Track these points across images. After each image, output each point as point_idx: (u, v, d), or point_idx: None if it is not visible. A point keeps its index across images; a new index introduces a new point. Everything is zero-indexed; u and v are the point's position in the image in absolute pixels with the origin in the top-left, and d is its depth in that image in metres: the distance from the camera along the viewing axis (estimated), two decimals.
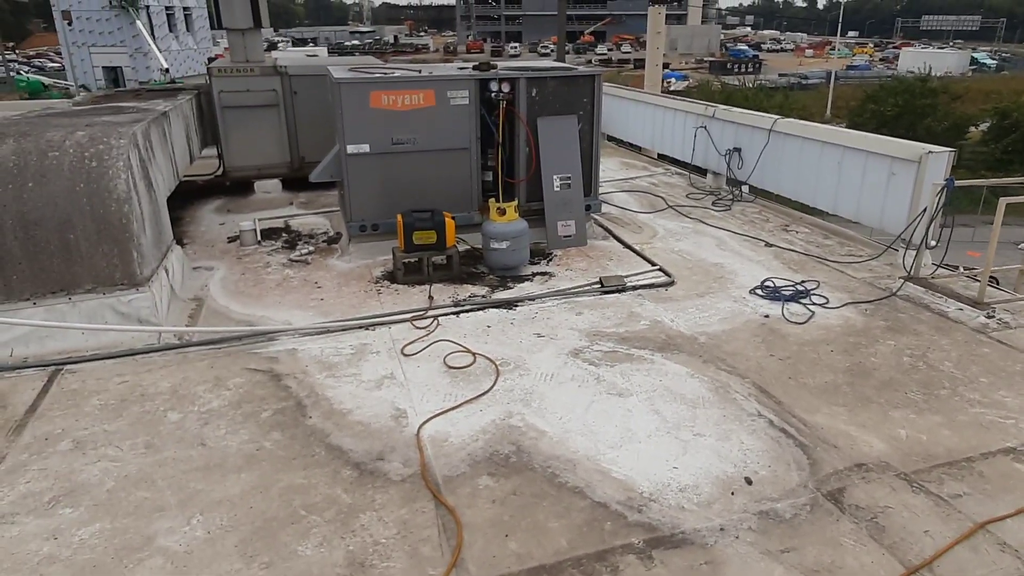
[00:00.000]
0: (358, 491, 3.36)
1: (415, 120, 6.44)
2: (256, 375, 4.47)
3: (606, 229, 7.48)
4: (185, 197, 8.84)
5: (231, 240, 7.28)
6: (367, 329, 5.15)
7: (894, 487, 3.37)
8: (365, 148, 6.39)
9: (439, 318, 5.35)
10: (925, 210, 5.89)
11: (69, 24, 37.95)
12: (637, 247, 6.92)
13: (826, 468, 3.52)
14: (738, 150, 8.68)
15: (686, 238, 7.26)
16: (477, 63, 6.77)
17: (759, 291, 5.76)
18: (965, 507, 3.23)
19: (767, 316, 5.32)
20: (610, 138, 12.61)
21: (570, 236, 7.00)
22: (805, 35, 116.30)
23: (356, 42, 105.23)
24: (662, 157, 11.18)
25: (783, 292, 5.70)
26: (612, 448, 3.69)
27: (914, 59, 65.45)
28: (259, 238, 7.31)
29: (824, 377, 4.42)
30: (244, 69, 8.68)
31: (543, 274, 6.28)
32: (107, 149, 4.88)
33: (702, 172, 9.73)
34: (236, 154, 8.90)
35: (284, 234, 7.56)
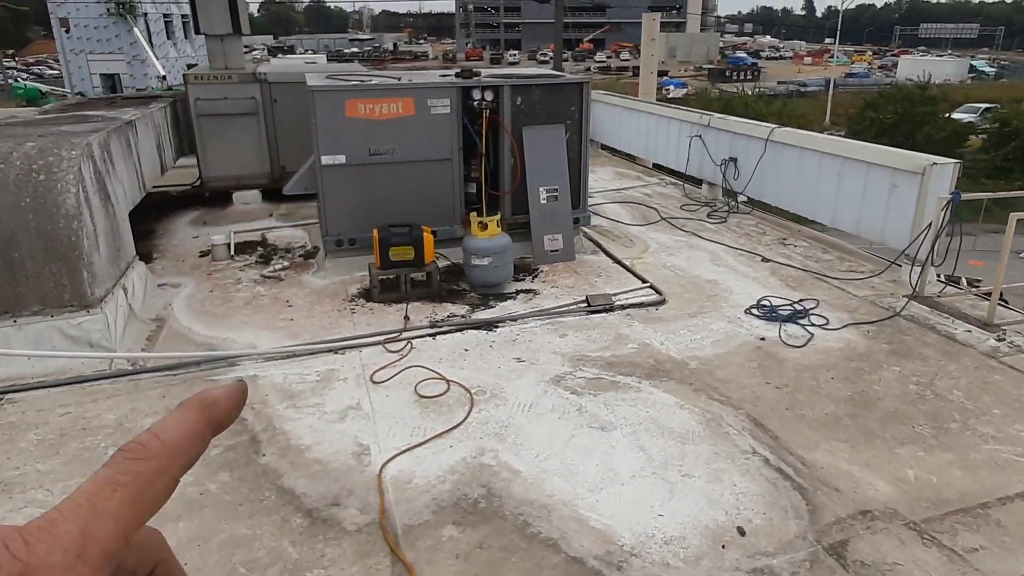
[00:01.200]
0: (307, 544, 3.03)
1: (394, 130, 6.14)
2: None
3: (596, 243, 7.16)
4: (160, 208, 8.54)
5: (203, 255, 6.95)
6: (336, 353, 4.82)
7: (903, 539, 3.04)
8: (341, 159, 6.08)
9: (414, 340, 5.03)
10: (930, 225, 5.57)
11: (67, 31, 37.86)
12: (627, 262, 6.60)
13: (827, 516, 3.19)
14: (734, 160, 8.37)
15: (679, 252, 6.94)
16: (459, 70, 6.47)
17: (755, 311, 5.44)
18: (983, 564, 2.89)
19: (763, 339, 4.99)
20: (604, 147, 12.32)
21: (557, 251, 6.68)
22: (804, 43, 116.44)
23: (355, 49, 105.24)
24: (657, 167, 10.88)
25: (780, 312, 5.38)
26: (592, 491, 3.35)
27: (913, 67, 65.30)
28: (232, 252, 6.99)
29: (824, 408, 4.09)
30: (222, 76, 8.39)
31: (527, 292, 5.96)
32: (56, 161, 4.56)
33: (697, 182, 9.43)
34: (214, 164, 8.60)
35: (259, 248, 7.24)
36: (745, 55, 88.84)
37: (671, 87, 57.84)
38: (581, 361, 4.69)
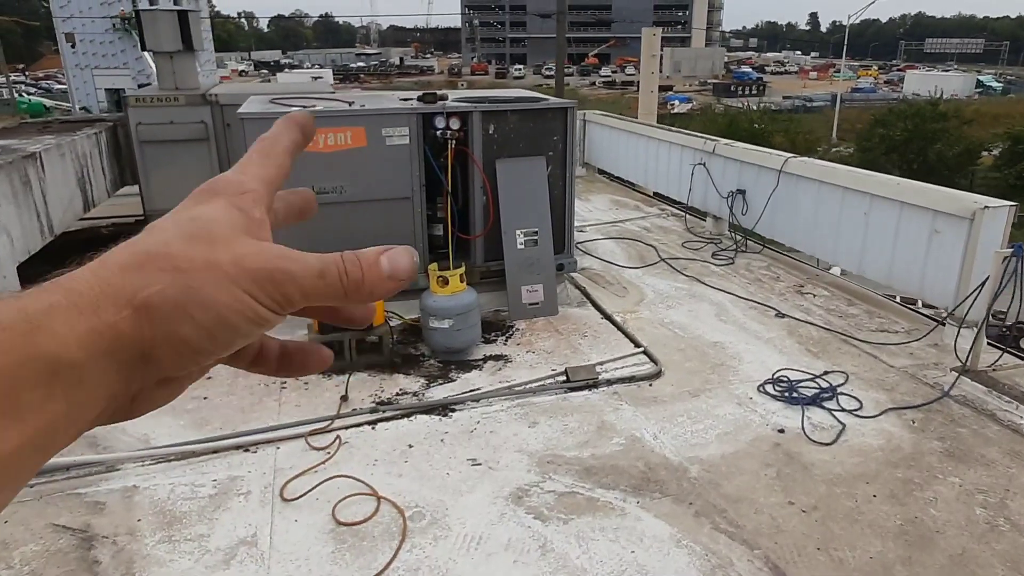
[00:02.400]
0: None
1: (342, 164, 5.21)
2: (62, 537, 3.17)
3: (584, 292, 6.19)
4: (89, 247, 7.61)
5: None
6: (247, 451, 3.86)
7: None
8: None
9: (349, 430, 4.06)
10: (985, 282, 4.58)
11: (72, 47, 37.65)
12: (619, 318, 5.63)
13: None
14: (742, 192, 7.41)
15: (680, 304, 5.97)
16: (423, 93, 5.55)
17: (770, 388, 4.46)
18: None
19: (782, 431, 4.00)
20: (601, 172, 11.40)
21: (537, 304, 5.72)
22: (809, 57, 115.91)
23: (362, 64, 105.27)
24: (658, 195, 9.93)
25: (802, 391, 4.40)
26: None
27: (919, 82, 64.49)
28: None
29: (868, 546, 3.10)
30: (167, 98, 7.49)
31: (497, 358, 4.99)
32: None
33: (701, 214, 8.48)
34: (159, 195, 7.67)
35: None
36: (750, 70, 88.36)
37: (676, 102, 57.11)
38: (553, 464, 3.71)
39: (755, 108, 39.70)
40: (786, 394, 4.36)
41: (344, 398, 4.37)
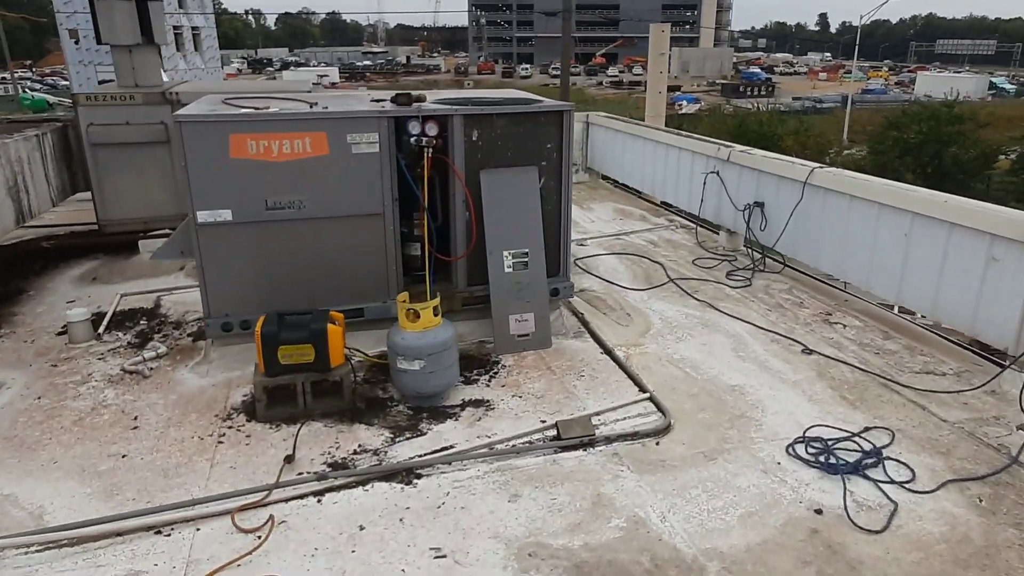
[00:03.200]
0: None
1: (301, 175, 4.48)
2: None
3: (581, 320, 5.45)
4: (45, 259, 6.92)
5: (62, 332, 5.30)
6: (158, 532, 3.13)
7: None
8: (225, 215, 4.43)
9: (289, 504, 3.33)
10: None
11: (76, 43, 37.27)
12: (622, 353, 4.88)
13: None
14: (760, 205, 6.66)
15: (691, 335, 5.22)
16: (396, 93, 4.82)
17: (802, 449, 3.71)
18: None
19: (819, 511, 3.25)
20: (605, 177, 10.66)
21: (527, 336, 4.98)
22: (818, 58, 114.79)
23: (368, 62, 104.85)
24: (666, 203, 9.17)
25: (840, 454, 3.64)
26: None
27: (931, 83, 63.47)
28: (103, 328, 5.33)
29: None
30: (122, 96, 6.79)
31: (477, 404, 4.25)
32: None
33: (714, 227, 7.72)
34: (113, 204, 7.00)
35: (144, 320, 5.59)
36: (759, 70, 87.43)
37: (683, 102, 56.29)
38: (535, 557, 2.97)
39: (764, 109, 38.82)
40: (821, 458, 3.61)
41: (289, 458, 3.63)
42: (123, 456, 3.72)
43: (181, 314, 5.67)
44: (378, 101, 4.93)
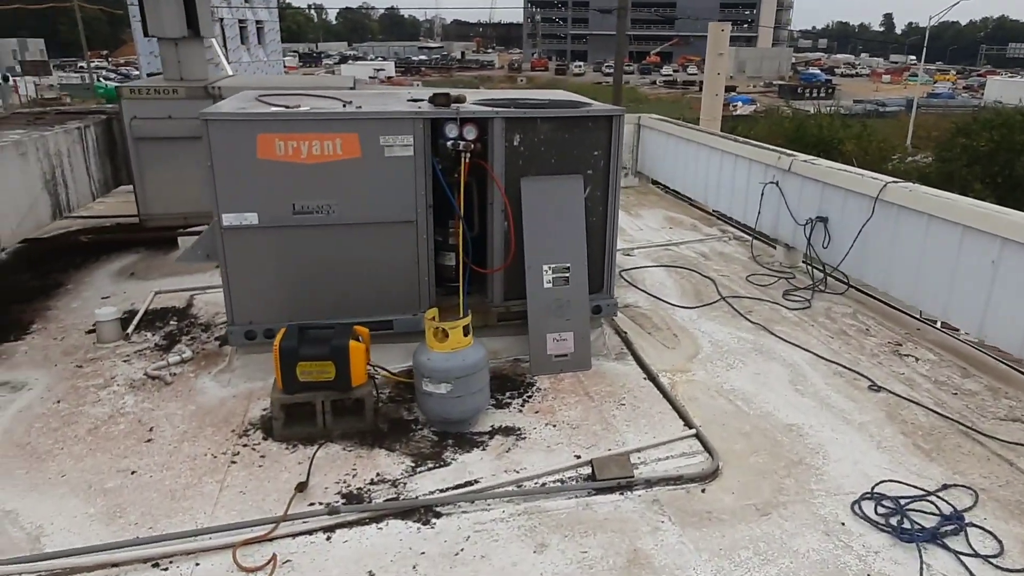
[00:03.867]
0: None
1: (330, 178, 4.23)
2: None
3: (624, 340, 5.08)
4: (85, 253, 6.88)
5: (92, 331, 5.19)
6: (155, 565, 2.91)
7: None
8: (251, 219, 4.21)
9: (299, 537, 3.08)
10: None
11: (147, 35, 38.56)
12: (667, 380, 4.51)
13: None
14: (823, 220, 6.17)
15: (744, 362, 4.80)
16: (434, 93, 4.53)
17: (870, 507, 3.28)
18: None
19: None
20: (655, 183, 10.21)
21: (565, 356, 4.64)
22: (882, 60, 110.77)
23: (424, 57, 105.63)
24: (719, 212, 8.69)
25: (915, 517, 3.21)
26: None
27: (1002, 88, 60.26)
28: (132, 328, 5.21)
29: None
30: (165, 90, 6.68)
31: (507, 432, 3.94)
32: None
33: (771, 240, 7.24)
34: (154, 199, 6.91)
35: (174, 320, 5.45)
36: (819, 71, 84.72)
37: (739, 103, 54.87)
38: None
39: (825, 111, 37.39)
40: (893, 521, 3.18)
41: (301, 486, 3.38)
42: (132, 472, 3.53)
43: (211, 316, 5.51)
44: (415, 101, 4.65)
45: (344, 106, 4.41)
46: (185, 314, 5.57)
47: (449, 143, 4.28)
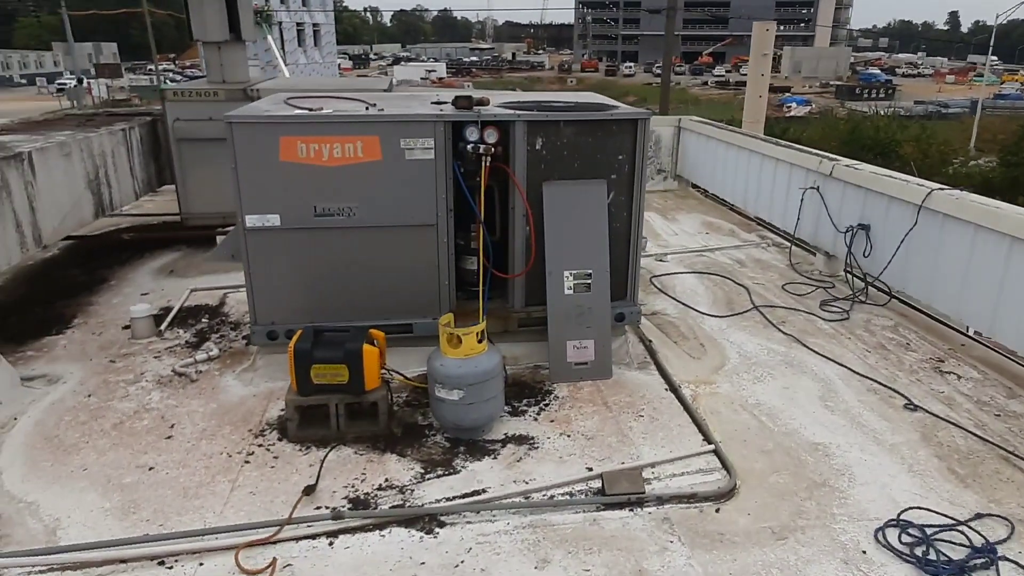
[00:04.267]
0: None
1: (352, 181, 4.25)
2: None
3: (648, 348, 4.97)
4: (130, 250, 7.11)
5: (127, 326, 5.34)
6: (161, 563, 2.95)
7: None
8: (274, 220, 4.26)
9: (302, 541, 3.09)
10: None
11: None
12: (689, 391, 4.38)
13: None
14: (865, 228, 5.92)
15: (772, 375, 4.63)
16: (457, 96, 4.50)
17: (894, 535, 3.11)
18: None
19: None
20: (695, 186, 10.00)
21: (586, 364, 4.56)
22: (946, 60, 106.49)
23: (475, 58, 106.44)
24: (760, 218, 8.45)
25: (942, 548, 3.02)
26: None
27: None
28: (165, 325, 5.34)
29: None
30: (205, 93, 6.85)
31: (520, 440, 3.88)
32: None
33: (811, 248, 7.00)
34: (195, 198, 7.08)
35: (206, 318, 5.56)
36: (878, 71, 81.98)
37: (793, 104, 53.50)
38: None
39: (883, 113, 36.10)
40: (918, 551, 3.00)
41: (309, 489, 3.39)
42: (150, 468, 3.60)
43: (241, 314, 5.60)
44: (439, 104, 4.64)
45: (367, 109, 4.42)
46: (217, 312, 5.68)
47: (469, 146, 4.25)
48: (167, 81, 54.27)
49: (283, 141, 4.12)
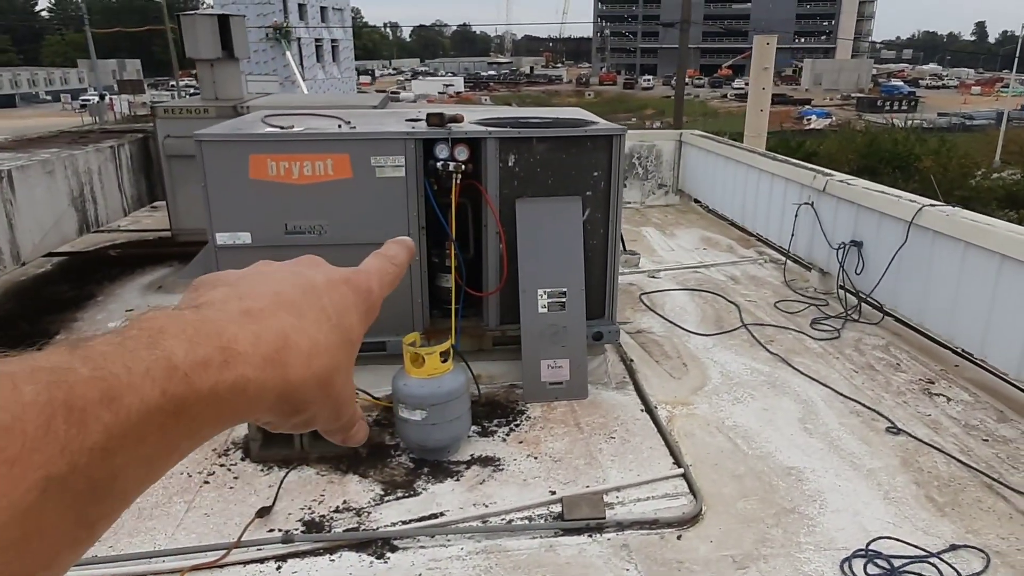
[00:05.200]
0: None
1: (322, 199, 4.23)
2: None
3: (628, 368, 4.87)
4: (123, 265, 7.16)
5: None
6: None
7: None
8: (244, 238, 4.26)
9: (249, 565, 3.03)
10: None
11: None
12: (664, 413, 4.28)
13: None
14: (857, 245, 5.78)
15: (753, 396, 4.51)
16: (429, 114, 4.47)
17: (860, 566, 2.98)
18: None
19: None
20: (697, 201, 9.89)
21: (561, 384, 4.47)
22: (972, 71, 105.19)
23: (493, 72, 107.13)
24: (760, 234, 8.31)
25: None
26: None
27: None
28: None
29: None
30: (196, 110, 6.90)
31: (486, 462, 3.81)
32: None
33: (806, 264, 6.86)
34: (186, 214, 7.11)
35: None
36: (901, 83, 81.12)
37: (813, 116, 53.07)
38: None
39: (902, 125, 35.60)
40: None
41: (263, 511, 3.35)
42: None
43: None
44: (413, 121, 4.61)
45: (340, 127, 4.41)
46: None
47: (440, 164, 4.22)
48: (186, 96, 55.37)
49: (252, 159, 4.12)
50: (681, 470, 3.67)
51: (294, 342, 0.45)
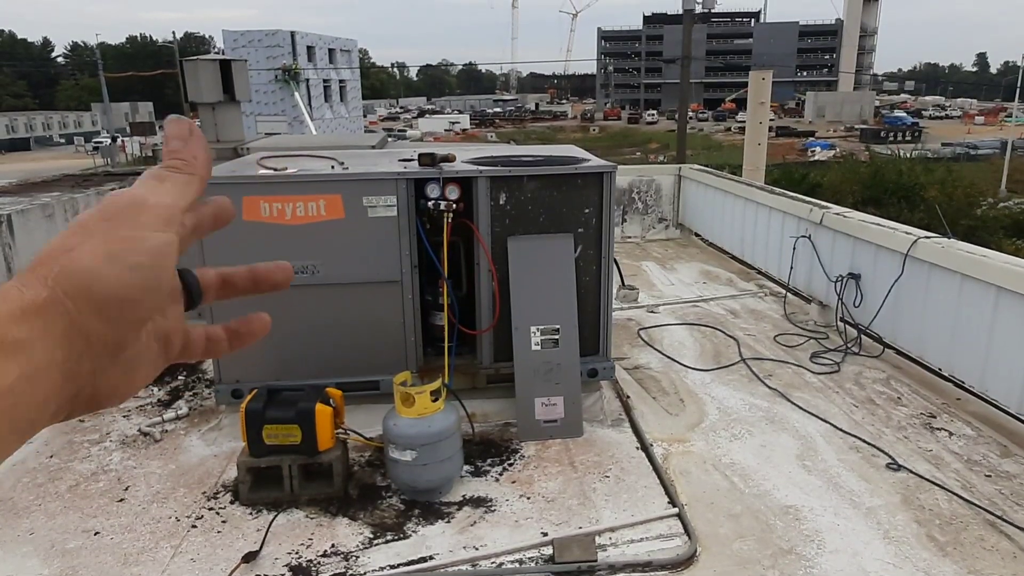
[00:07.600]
0: None
1: (315, 239, 4.26)
2: None
3: (624, 404, 4.82)
4: None
5: None
6: None
7: None
8: None
9: None
10: None
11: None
12: (661, 451, 4.22)
13: None
14: (855, 277, 5.76)
15: (751, 433, 4.45)
16: (421, 153, 4.52)
17: None
18: None
19: None
20: (697, 235, 9.90)
21: (555, 422, 4.43)
22: (975, 101, 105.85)
23: (498, 109, 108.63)
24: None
25: None
26: None
27: None
28: None
29: None
30: None
31: (478, 503, 3.75)
32: None
33: (807, 297, 6.82)
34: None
35: (183, 374, 5.56)
36: (904, 114, 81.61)
37: (817, 148, 53.40)
38: None
39: (907, 156, 35.70)
40: None
41: (249, 557, 3.29)
42: (96, 533, 3.54)
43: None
44: (405, 161, 4.67)
45: (332, 167, 4.46)
46: (195, 369, 5.68)
47: (431, 203, 4.25)
48: None
49: (246, 201, 4.16)
50: (676, 510, 3.60)
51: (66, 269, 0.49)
